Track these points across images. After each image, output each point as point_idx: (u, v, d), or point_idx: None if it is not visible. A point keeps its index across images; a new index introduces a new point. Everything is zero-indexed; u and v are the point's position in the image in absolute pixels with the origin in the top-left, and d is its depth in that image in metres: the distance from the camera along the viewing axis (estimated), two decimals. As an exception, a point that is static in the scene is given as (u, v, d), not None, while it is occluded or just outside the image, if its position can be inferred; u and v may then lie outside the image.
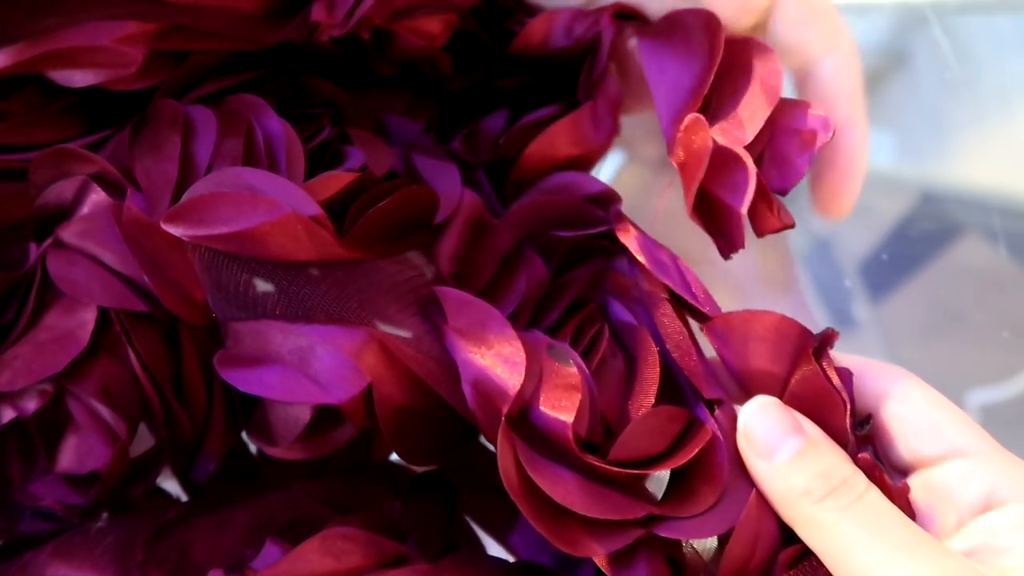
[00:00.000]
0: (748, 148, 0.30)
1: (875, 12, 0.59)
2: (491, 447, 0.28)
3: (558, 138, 0.35)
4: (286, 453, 0.31)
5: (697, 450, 0.27)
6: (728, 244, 0.30)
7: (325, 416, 0.31)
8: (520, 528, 0.30)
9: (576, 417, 0.27)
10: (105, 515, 0.32)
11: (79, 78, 0.31)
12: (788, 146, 0.30)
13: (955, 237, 0.55)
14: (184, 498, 0.35)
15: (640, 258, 0.31)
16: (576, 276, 0.33)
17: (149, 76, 0.32)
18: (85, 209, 0.31)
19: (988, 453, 0.27)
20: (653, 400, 0.29)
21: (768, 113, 0.30)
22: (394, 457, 0.36)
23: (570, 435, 0.27)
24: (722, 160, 0.30)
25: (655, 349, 0.30)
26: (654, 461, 0.28)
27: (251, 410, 0.33)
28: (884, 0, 0.59)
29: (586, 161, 0.36)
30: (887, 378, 0.29)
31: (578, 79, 0.36)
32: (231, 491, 0.29)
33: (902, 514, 0.26)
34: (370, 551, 0.28)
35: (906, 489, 0.28)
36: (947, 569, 0.25)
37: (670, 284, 0.30)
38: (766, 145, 0.31)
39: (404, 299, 0.30)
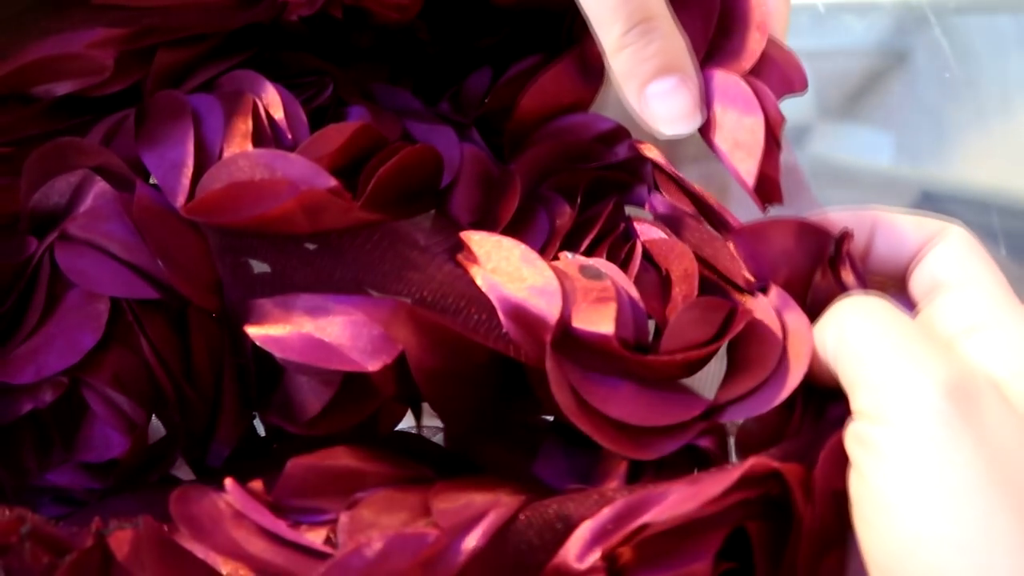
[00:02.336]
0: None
1: (875, 12, 0.60)
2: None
3: (550, 86, 0.35)
4: (306, 430, 0.32)
5: (740, 327, 0.28)
6: (766, 198, 0.31)
7: (346, 391, 0.32)
8: (545, 457, 0.31)
9: (617, 324, 0.28)
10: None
11: (56, 88, 0.32)
12: (771, 78, 0.32)
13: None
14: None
15: (667, 171, 0.32)
16: (600, 208, 0.34)
17: (122, 79, 0.33)
18: (89, 201, 0.32)
19: (991, 288, 0.28)
20: (696, 293, 0.30)
21: (763, 46, 0.32)
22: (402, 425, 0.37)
23: (615, 343, 0.28)
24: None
25: (689, 249, 0.31)
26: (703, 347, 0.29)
27: (267, 392, 0.33)
28: (884, 0, 0.59)
29: (578, 107, 0.37)
30: (944, 222, 0.29)
31: (559, 29, 0.37)
32: (241, 472, 0.30)
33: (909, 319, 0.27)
34: (395, 464, 0.29)
35: None
36: (957, 362, 0.24)
37: (697, 194, 0.32)
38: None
39: (429, 251, 0.30)
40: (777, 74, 0.32)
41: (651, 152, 0.34)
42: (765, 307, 0.29)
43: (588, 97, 0.37)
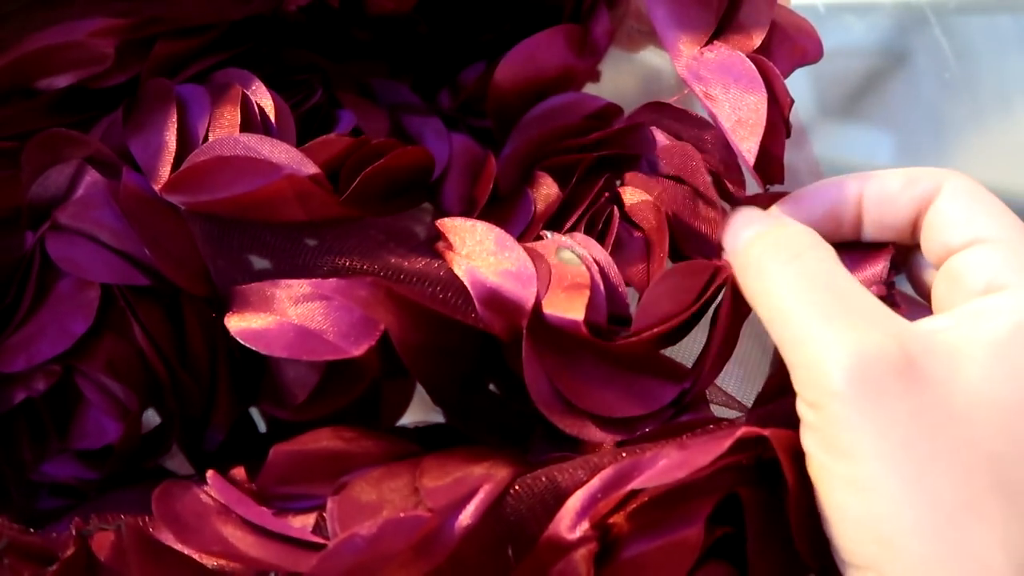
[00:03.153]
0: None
1: (875, 12, 0.60)
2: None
3: (530, 52, 0.35)
4: (298, 415, 0.32)
5: (712, 291, 0.28)
6: (767, 177, 0.31)
7: (333, 373, 0.32)
8: (535, 446, 0.31)
9: (589, 310, 0.28)
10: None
11: (58, 81, 0.32)
12: (779, 53, 0.32)
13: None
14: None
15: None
16: (591, 186, 0.34)
17: (124, 70, 0.33)
18: (80, 191, 0.32)
19: (1010, 241, 0.26)
20: (666, 251, 0.30)
21: (771, 17, 0.31)
22: (403, 421, 0.37)
23: (584, 331, 0.27)
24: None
25: (661, 208, 0.31)
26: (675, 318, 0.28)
27: (258, 378, 0.33)
28: (884, 0, 0.59)
29: (567, 84, 0.36)
30: (937, 179, 0.28)
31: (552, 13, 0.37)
32: (239, 463, 0.30)
33: (846, 281, 0.26)
34: (381, 442, 0.29)
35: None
36: (865, 343, 0.24)
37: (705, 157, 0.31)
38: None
39: (406, 244, 0.30)
40: (789, 45, 0.32)
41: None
42: None
43: (579, 70, 0.36)
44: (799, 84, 0.53)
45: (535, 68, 0.35)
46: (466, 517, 0.25)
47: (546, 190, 0.34)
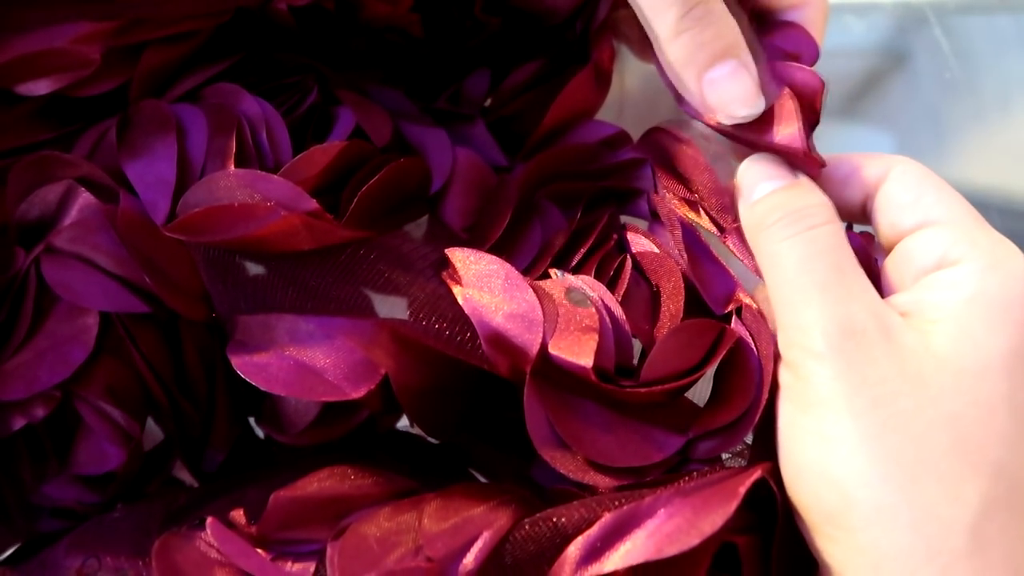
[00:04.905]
0: None
1: (875, 12, 0.60)
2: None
3: (575, 95, 0.35)
4: (297, 440, 0.32)
5: (724, 352, 0.28)
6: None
7: (332, 406, 0.31)
8: (540, 462, 0.31)
9: (598, 355, 0.28)
10: (119, 506, 0.32)
11: (41, 86, 0.32)
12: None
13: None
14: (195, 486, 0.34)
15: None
16: (595, 219, 0.34)
17: (109, 77, 0.32)
18: (74, 214, 0.31)
19: (959, 221, 0.28)
20: (681, 314, 0.30)
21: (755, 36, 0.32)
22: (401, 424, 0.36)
23: (592, 377, 0.27)
24: None
25: (678, 268, 0.31)
26: (686, 375, 0.28)
27: (259, 398, 0.33)
28: (884, 0, 0.59)
29: (588, 115, 0.37)
30: (885, 164, 0.29)
31: (552, 29, 0.37)
32: (243, 474, 0.30)
33: (846, 257, 0.27)
34: (380, 482, 0.28)
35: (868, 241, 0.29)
36: (851, 314, 0.26)
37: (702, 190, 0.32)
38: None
39: (413, 268, 0.30)
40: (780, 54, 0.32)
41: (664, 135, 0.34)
42: (742, 331, 0.29)
43: (599, 104, 0.37)
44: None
45: (576, 108, 0.36)
46: (466, 566, 0.25)
47: (554, 222, 0.34)
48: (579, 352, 0.28)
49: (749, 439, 0.29)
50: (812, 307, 0.26)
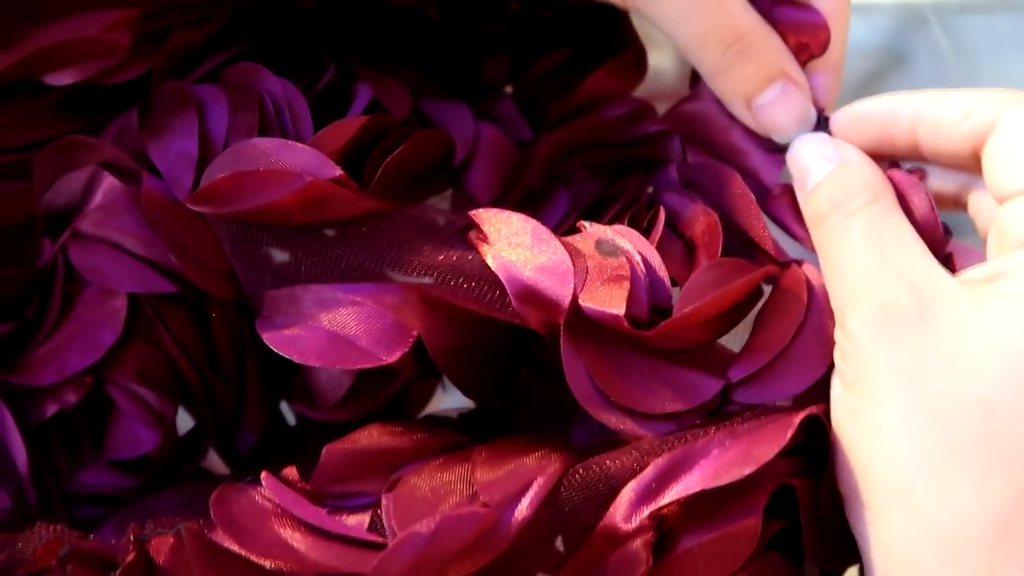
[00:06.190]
0: None
1: (875, 12, 0.60)
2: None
3: (604, 81, 0.35)
4: (331, 415, 0.32)
5: (757, 284, 0.28)
6: None
7: (365, 377, 0.31)
8: (579, 424, 0.31)
9: (630, 303, 0.27)
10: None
11: (69, 75, 0.31)
12: None
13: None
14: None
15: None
16: (625, 184, 0.33)
17: (136, 64, 0.32)
18: (99, 197, 0.31)
19: None
20: (719, 255, 0.30)
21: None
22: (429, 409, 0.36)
23: (625, 324, 0.27)
24: None
25: (714, 213, 0.30)
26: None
27: (290, 377, 0.33)
28: (884, 0, 0.60)
29: (618, 96, 0.36)
30: (994, 111, 0.27)
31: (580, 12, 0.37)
32: (273, 462, 0.29)
33: (890, 230, 0.26)
34: (429, 436, 0.28)
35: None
36: (888, 290, 0.25)
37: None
38: None
39: (438, 236, 0.30)
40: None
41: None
42: (797, 277, 0.29)
43: (632, 89, 0.37)
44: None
45: (604, 88, 0.36)
46: (522, 510, 0.25)
47: (582, 185, 0.33)
48: (611, 301, 0.27)
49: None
50: (853, 287, 0.26)
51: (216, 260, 0.31)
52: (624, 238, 0.29)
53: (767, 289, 0.30)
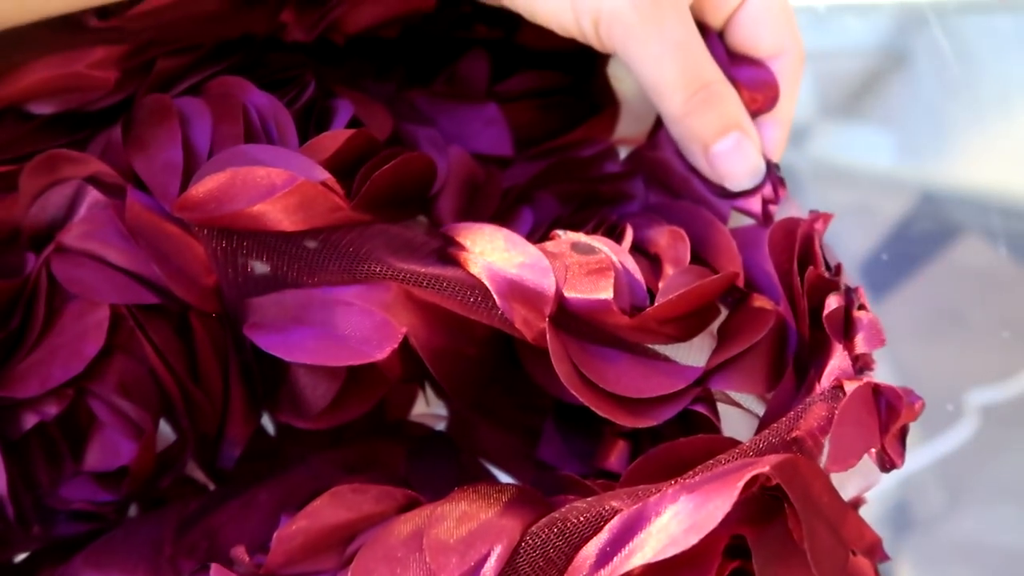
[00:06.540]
0: None
1: (875, 12, 0.60)
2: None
3: (589, 132, 0.38)
4: (316, 423, 0.32)
5: (724, 286, 0.29)
6: None
7: (352, 381, 0.31)
8: (547, 440, 0.31)
9: (616, 292, 0.28)
10: (134, 508, 0.32)
11: (55, 105, 0.32)
12: None
13: (955, 237, 0.56)
14: (210, 485, 0.34)
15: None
16: (591, 214, 0.35)
17: (120, 92, 0.33)
18: (83, 211, 0.31)
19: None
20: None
21: None
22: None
23: (614, 307, 0.28)
24: None
25: (681, 229, 0.32)
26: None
27: (273, 389, 0.33)
28: (884, 0, 0.60)
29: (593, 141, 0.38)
30: None
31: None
32: (253, 473, 0.30)
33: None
34: (381, 499, 0.28)
35: None
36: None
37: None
38: None
39: (419, 252, 0.30)
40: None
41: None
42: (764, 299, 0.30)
43: (608, 136, 0.39)
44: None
45: (585, 136, 0.38)
46: None
47: (546, 207, 0.34)
48: (596, 289, 0.28)
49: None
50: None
51: (200, 273, 0.31)
52: (598, 241, 0.30)
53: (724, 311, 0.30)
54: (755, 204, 0.32)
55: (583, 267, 0.29)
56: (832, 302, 0.28)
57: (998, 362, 0.53)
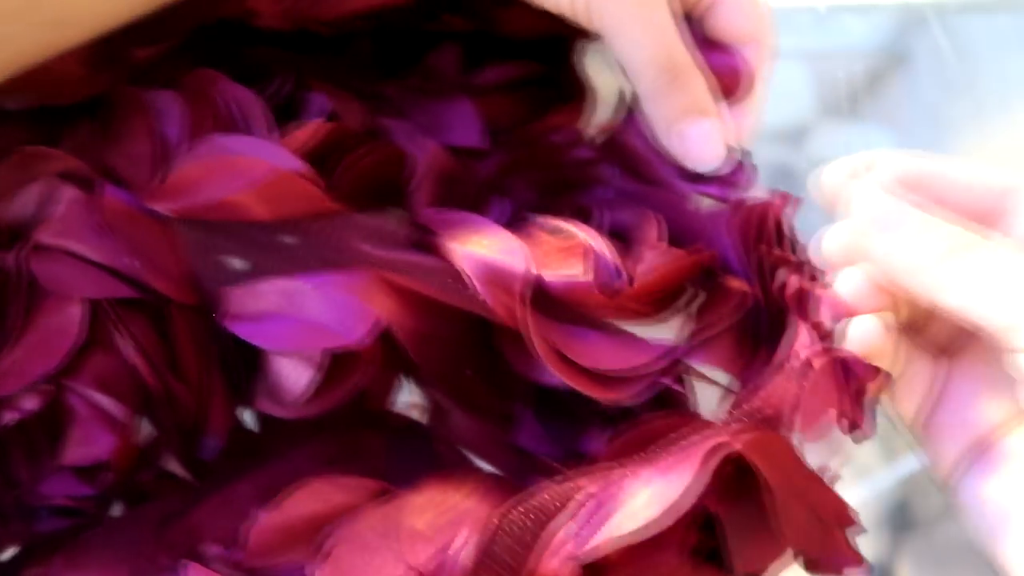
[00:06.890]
0: None
1: (875, 12, 0.60)
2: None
3: (560, 121, 0.38)
4: (296, 412, 0.31)
5: (699, 265, 0.30)
6: None
7: (332, 369, 0.31)
8: (524, 426, 0.32)
9: (593, 269, 0.29)
10: (117, 505, 0.32)
11: (24, 101, 0.32)
12: None
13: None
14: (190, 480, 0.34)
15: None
16: (563, 201, 0.35)
17: (94, 84, 0.33)
18: (57, 208, 0.31)
19: None
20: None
21: None
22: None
23: (592, 287, 0.28)
24: None
25: (659, 215, 0.33)
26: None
27: (253, 379, 0.33)
28: (884, 0, 0.60)
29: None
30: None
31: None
32: (234, 469, 0.30)
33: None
34: (353, 490, 0.29)
35: None
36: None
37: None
38: None
39: (395, 240, 0.30)
40: None
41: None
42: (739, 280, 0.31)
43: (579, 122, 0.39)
44: (799, 84, 0.54)
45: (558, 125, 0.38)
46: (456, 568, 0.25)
47: (518, 196, 0.35)
48: (571, 267, 0.29)
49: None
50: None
51: (177, 265, 0.31)
52: (572, 225, 0.31)
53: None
54: (721, 188, 0.33)
55: (558, 250, 0.29)
56: (794, 281, 0.28)
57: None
